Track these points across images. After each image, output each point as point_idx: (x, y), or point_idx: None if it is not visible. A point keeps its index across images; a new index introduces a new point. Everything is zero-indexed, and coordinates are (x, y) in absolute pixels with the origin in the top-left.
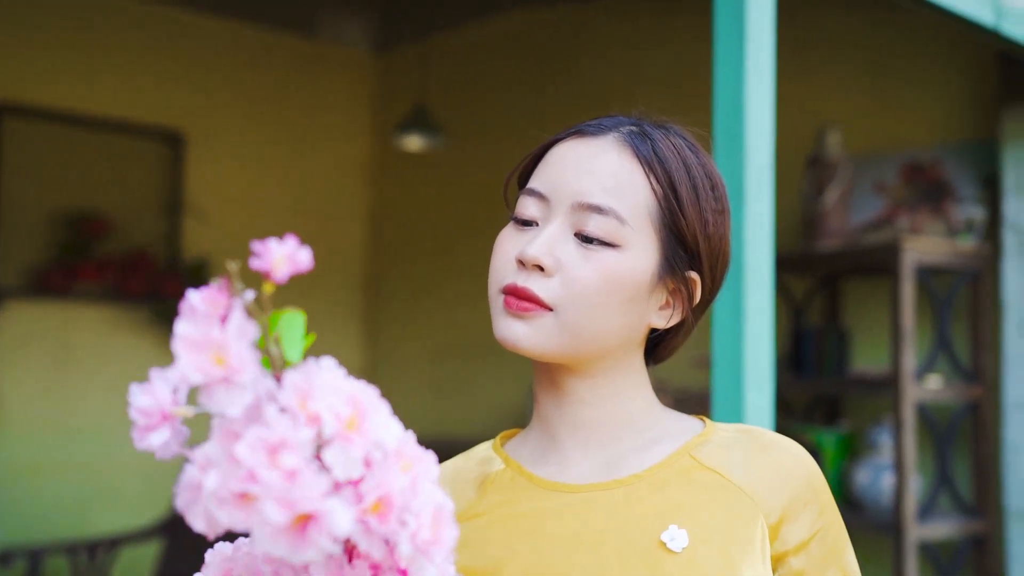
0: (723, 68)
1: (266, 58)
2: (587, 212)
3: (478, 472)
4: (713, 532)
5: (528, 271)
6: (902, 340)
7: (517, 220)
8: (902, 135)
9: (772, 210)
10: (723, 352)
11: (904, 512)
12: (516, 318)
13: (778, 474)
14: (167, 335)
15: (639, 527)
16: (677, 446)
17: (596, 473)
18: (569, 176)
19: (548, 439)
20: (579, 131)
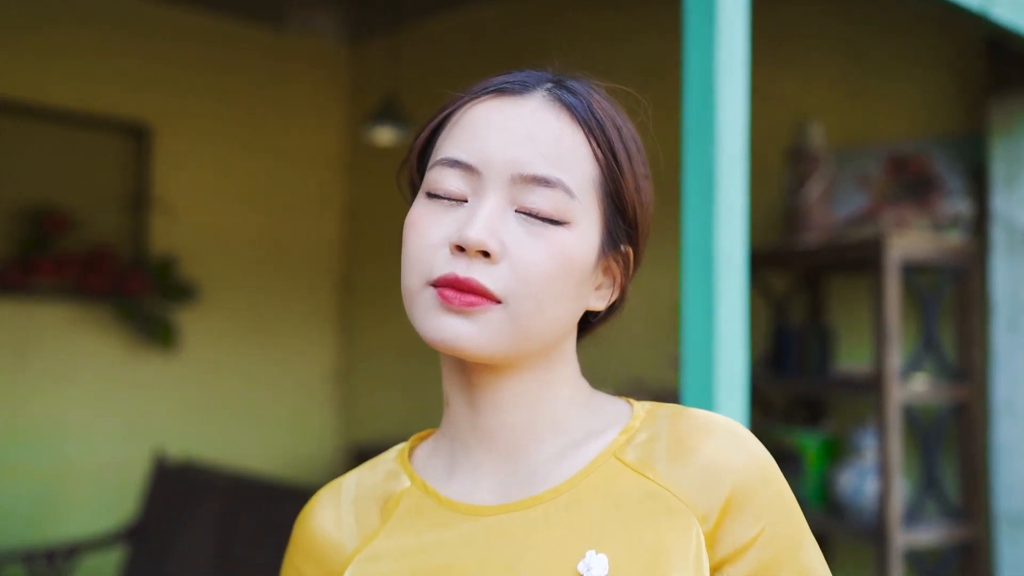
0: (693, 52)
1: (234, 50)
2: (530, 185)
3: (382, 490)
4: (639, 552)
5: (469, 258)
6: (886, 339)
7: (434, 195)
8: (886, 127)
9: (746, 202)
10: (693, 353)
11: (889, 518)
12: (457, 315)
13: (712, 466)
14: (132, 333)
15: (555, 556)
16: (601, 448)
17: (512, 489)
18: (503, 143)
19: (459, 449)
20: (499, 89)
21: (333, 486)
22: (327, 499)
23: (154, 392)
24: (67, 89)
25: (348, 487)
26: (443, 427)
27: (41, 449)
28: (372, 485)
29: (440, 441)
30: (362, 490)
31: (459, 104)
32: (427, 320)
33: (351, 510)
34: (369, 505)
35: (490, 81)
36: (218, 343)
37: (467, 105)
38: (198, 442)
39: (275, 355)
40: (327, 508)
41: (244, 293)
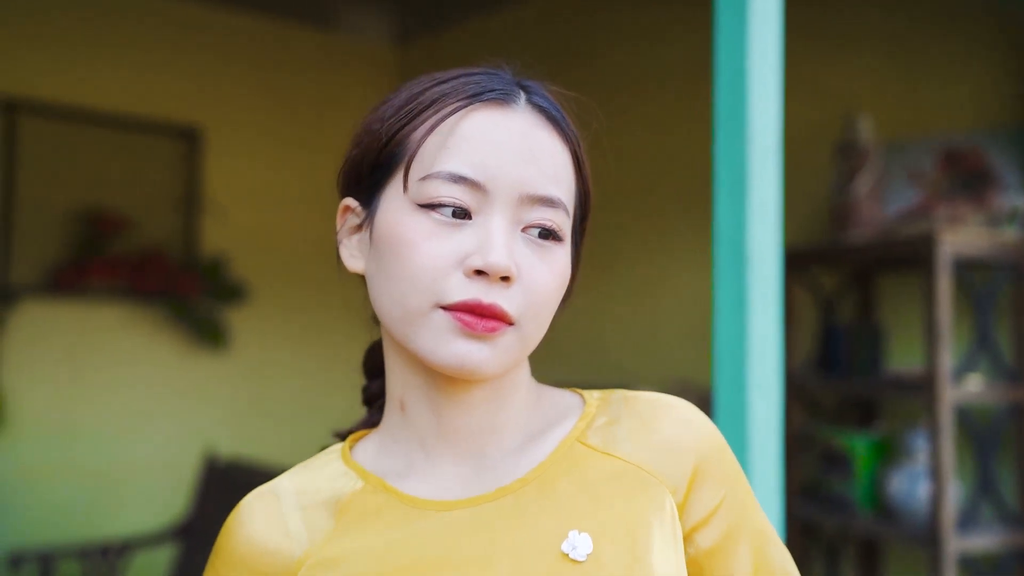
0: (724, 44)
1: (283, 51)
2: (535, 204)
3: (331, 491)
4: (619, 528)
5: (489, 283)
6: (938, 338)
7: (428, 208)
8: (938, 119)
9: (779, 198)
10: (725, 353)
11: (942, 522)
12: (476, 340)
13: (672, 442)
14: (183, 334)
15: (535, 540)
16: (562, 435)
17: (475, 484)
18: (508, 161)
19: (415, 449)
20: (491, 99)
21: (263, 493)
22: (260, 506)
23: (204, 392)
24: (120, 93)
25: (285, 491)
26: (390, 429)
27: (95, 447)
28: (316, 487)
29: (386, 442)
30: (305, 493)
31: (444, 109)
32: (441, 345)
33: (296, 514)
34: (317, 508)
35: (461, 82)
36: (267, 343)
37: (458, 113)
38: (247, 441)
39: (323, 354)
40: (262, 515)
41: (293, 292)
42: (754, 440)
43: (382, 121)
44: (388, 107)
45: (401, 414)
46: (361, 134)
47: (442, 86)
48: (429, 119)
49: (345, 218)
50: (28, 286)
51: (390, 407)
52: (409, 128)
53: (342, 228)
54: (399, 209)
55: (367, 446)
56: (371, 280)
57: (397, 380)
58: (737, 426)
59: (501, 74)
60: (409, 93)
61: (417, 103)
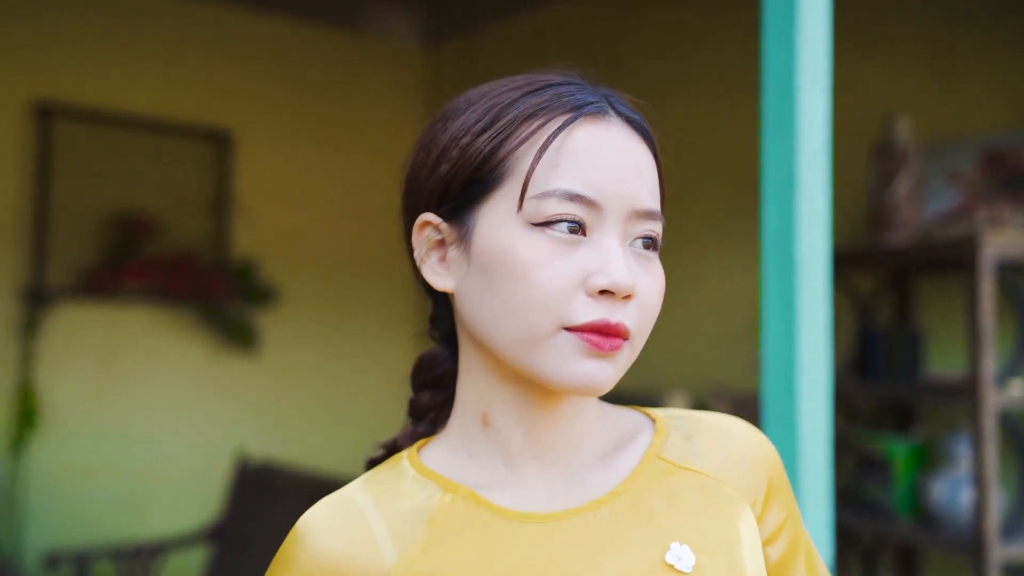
0: (772, 45)
1: (313, 54)
2: (641, 219)
3: (414, 502)
4: (715, 541)
5: (613, 302)
6: (981, 342)
7: (542, 227)
8: (978, 119)
9: (829, 201)
10: (774, 357)
11: (986, 530)
12: (602, 359)
13: (747, 459)
14: (214, 336)
15: (638, 552)
16: (642, 450)
17: (562, 496)
18: (619, 178)
19: (497, 461)
20: (583, 111)
21: (339, 502)
22: (339, 515)
23: (235, 394)
24: (152, 97)
25: (364, 501)
26: (465, 441)
27: (128, 449)
28: (398, 498)
29: (459, 455)
30: (387, 503)
31: (548, 126)
32: (567, 366)
33: (382, 524)
34: (403, 518)
35: (555, 93)
36: (297, 345)
37: (565, 130)
38: (278, 443)
39: (353, 357)
40: (344, 525)
41: (323, 295)
42: (804, 448)
43: (473, 135)
44: (471, 119)
45: (482, 427)
46: (447, 148)
47: (533, 98)
48: (534, 136)
49: (423, 234)
50: (62, 289)
51: (465, 420)
52: (512, 144)
53: (421, 245)
54: (510, 228)
55: (435, 458)
56: (469, 299)
57: (479, 394)
58: (786, 433)
59: (585, 84)
60: (494, 104)
61: (512, 117)
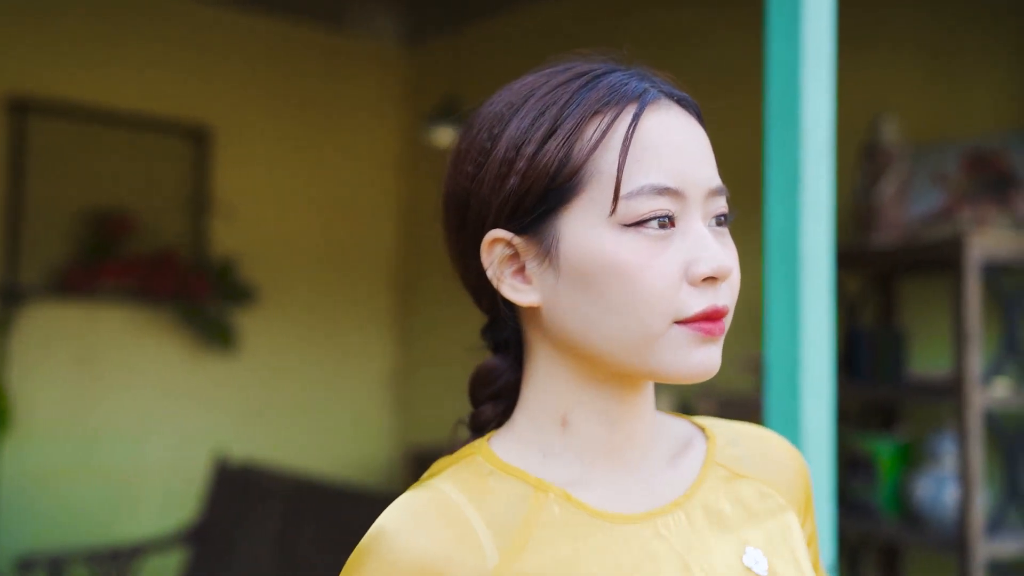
0: (777, 43)
1: (294, 52)
2: (715, 196)
3: (507, 501)
4: (781, 545)
5: (715, 286)
6: (967, 342)
7: (635, 226)
8: (964, 122)
9: (832, 199)
10: (777, 355)
11: (970, 528)
12: (712, 344)
13: (788, 468)
14: (193, 336)
15: (721, 555)
16: (701, 455)
17: (641, 498)
18: (694, 162)
19: (575, 462)
20: (644, 100)
21: (435, 498)
22: (440, 509)
23: (215, 394)
24: (130, 93)
25: (459, 499)
26: (542, 444)
27: (104, 450)
28: (490, 495)
29: (535, 456)
30: (481, 500)
31: (618, 122)
32: (683, 358)
33: (481, 522)
34: (499, 517)
35: (610, 84)
36: (277, 345)
37: (637, 121)
38: (258, 444)
39: (333, 357)
40: (445, 520)
41: (303, 295)
42: (807, 448)
43: (539, 143)
44: (528, 123)
45: (561, 428)
46: (511, 160)
47: (589, 92)
48: (608, 134)
49: (494, 251)
50: (36, 287)
51: (540, 422)
52: (587, 147)
53: (493, 263)
54: (602, 233)
55: (509, 456)
56: (562, 309)
57: (559, 396)
58: (790, 433)
59: (625, 68)
60: (549, 104)
61: (578, 116)
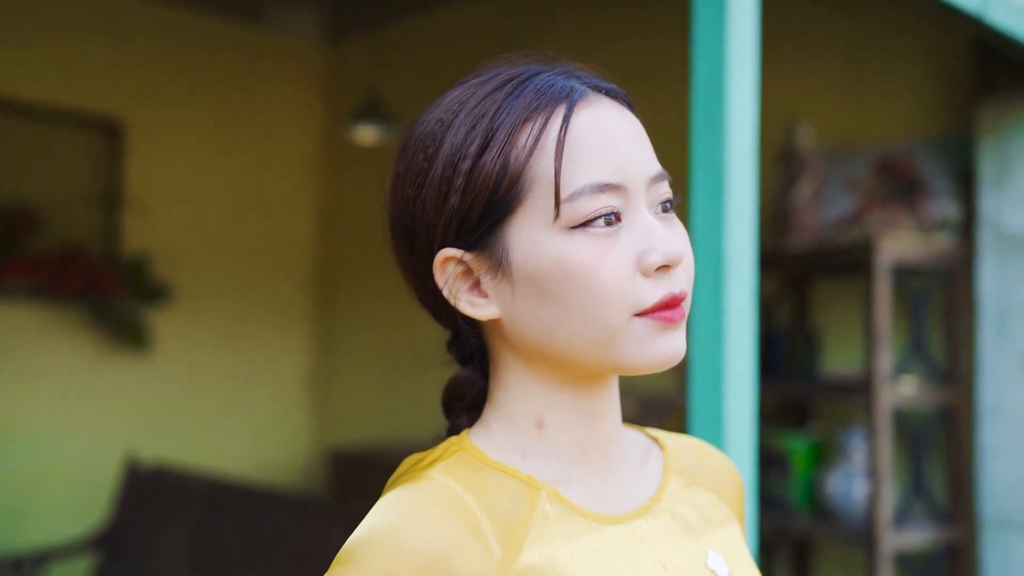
0: (702, 49)
1: (211, 47)
2: (656, 182)
3: (506, 498)
4: (737, 550)
5: (668, 273)
6: (877, 341)
7: (582, 226)
8: (875, 129)
9: (755, 202)
10: (702, 356)
11: (878, 521)
12: (676, 330)
13: (728, 479)
14: (104, 335)
15: (688, 558)
16: (660, 462)
17: (615, 500)
18: (630, 151)
19: (551, 464)
20: (573, 98)
21: (439, 489)
22: (450, 501)
23: (126, 395)
24: (38, 84)
25: (462, 493)
26: (517, 445)
27: (9, 454)
28: (488, 491)
29: (512, 457)
30: (481, 495)
31: (551, 125)
32: (647, 349)
33: (485, 517)
34: (500, 512)
35: (538, 87)
36: (192, 345)
37: (568, 122)
38: (172, 446)
39: (250, 357)
40: (455, 512)
41: (219, 294)
42: (731, 443)
43: (473, 157)
44: (461, 139)
45: (537, 430)
46: (448, 178)
47: (518, 99)
48: (540, 139)
49: (446, 270)
50: None
51: (516, 424)
52: (521, 156)
53: (447, 282)
54: (550, 239)
55: (496, 457)
56: (522, 318)
57: (532, 400)
58: (714, 430)
59: (550, 67)
60: (479, 116)
61: (509, 126)
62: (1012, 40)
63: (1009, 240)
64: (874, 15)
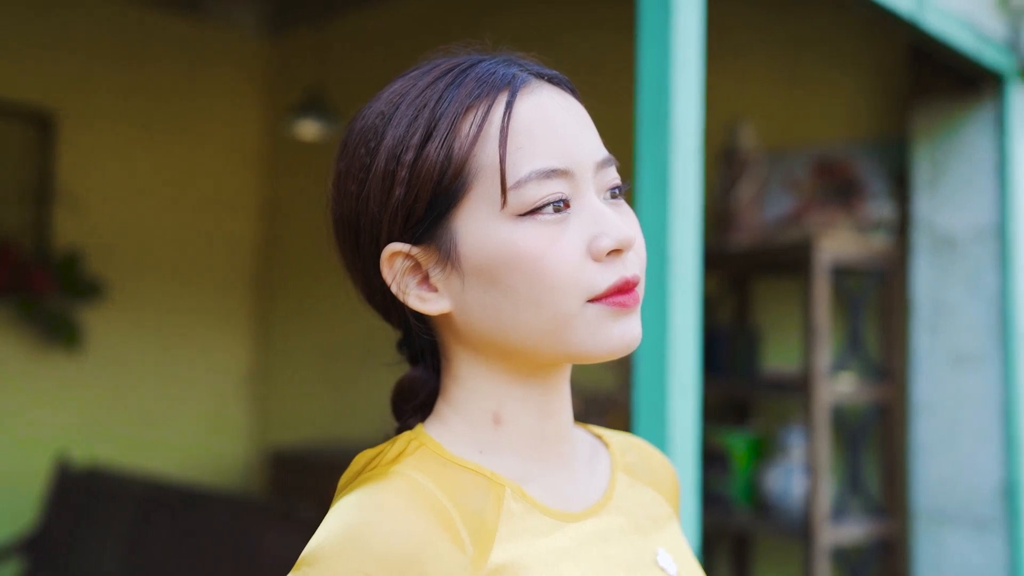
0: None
1: (150, 37)
2: (604, 167)
3: (473, 495)
4: (681, 548)
5: (620, 257)
6: (815, 339)
7: (532, 213)
8: (815, 130)
9: (700, 200)
10: (647, 354)
11: (816, 516)
12: (630, 315)
13: (666, 478)
14: (33, 333)
15: (639, 556)
16: (607, 459)
17: (572, 497)
18: (576, 137)
19: (509, 460)
20: (515, 86)
21: (410, 484)
22: (424, 500)
23: (58, 395)
24: None
25: (432, 488)
26: (475, 441)
27: None
28: (455, 487)
29: (471, 454)
30: (451, 493)
31: (493, 113)
32: (602, 334)
33: (456, 513)
34: (469, 509)
35: (479, 75)
36: (127, 343)
37: (511, 109)
38: (105, 447)
39: (187, 355)
40: (430, 510)
41: (154, 291)
42: (675, 440)
43: (417, 149)
44: (403, 132)
45: (494, 426)
46: (392, 171)
47: (458, 88)
48: (483, 127)
49: (394, 266)
50: None
51: (473, 421)
52: (464, 145)
53: (395, 277)
54: (498, 228)
55: (456, 452)
56: (473, 310)
57: (487, 396)
58: (658, 427)
59: (491, 56)
60: (420, 108)
61: (451, 115)
62: (945, 46)
63: (942, 241)
64: (814, 17)
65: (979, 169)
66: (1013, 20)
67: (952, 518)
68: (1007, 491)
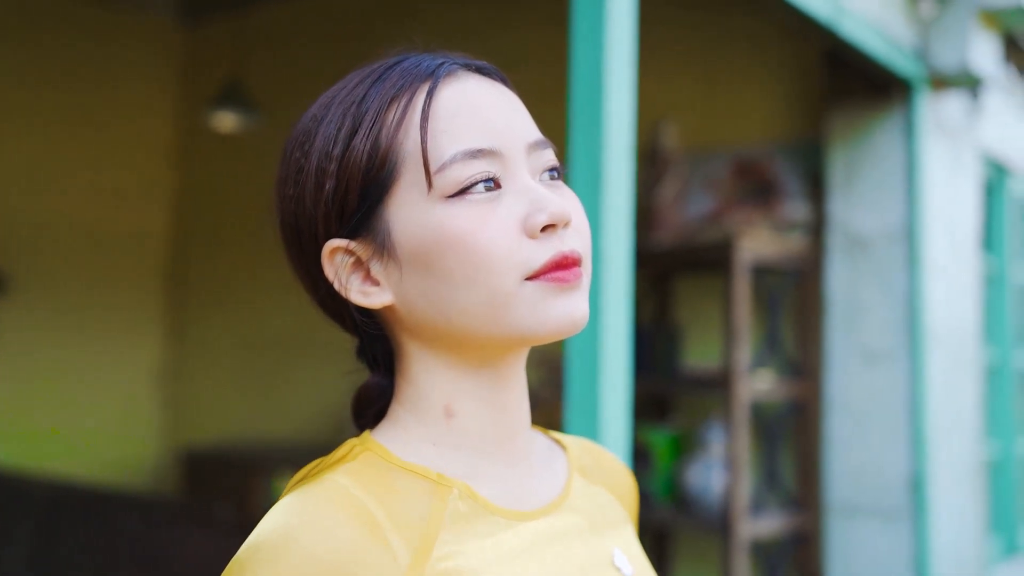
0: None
1: (59, 23)
2: (538, 149)
3: (410, 498)
4: (635, 549)
5: (557, 233)
6: (735, 337)
7: (461, 193)
8: (735, 131)
9: (631, 199)
10: (578, 351)
11: (735, 510)
12: (572, 291)
13: (623, 483)
14: None
15: (593, 556)
16: (563, 460)
17: (527, 496)
18: (505, 118)
19: (463, 453)
20: (438, 74)
21: (337, 492)
22: (346, 506)
23: None
24: None
25: (362, 496)
26: (428, 435)
27: None
28: (393, 492)
29: (422, 448)
30: (382, 497)
31: (415, 100)
32: (543, 312)
33: (388, 521)
34: (407, 514)
35: (403, 69)
36: (31, 338)
37: (431, 96)
38: (7, 448)
39: (95, 351)
40: (354, 518)
41: (61, 285)
42: (606, 437)
43: (344, 142)
44: (332, 129)
45: (446, 419)
46: (323, 167)
47: (383, 83)
48: (407, 114)
49: (335, 262)
50: None
51: (425, 414)
52: (389, 132)
53: (338, 274)
54: (428, 211)
55: (405, 454)
56: (415, 299)
57: (439, 390)
58: (590, 424)
59: (426, 52)
60: (348, 104)
61: (376, 106)
62: (860, 52)
63: (855, 241)
64: (734, 19)
65: (890, 172)
66: (922, 30)
67: (863, 510)
68: (914, 484)
